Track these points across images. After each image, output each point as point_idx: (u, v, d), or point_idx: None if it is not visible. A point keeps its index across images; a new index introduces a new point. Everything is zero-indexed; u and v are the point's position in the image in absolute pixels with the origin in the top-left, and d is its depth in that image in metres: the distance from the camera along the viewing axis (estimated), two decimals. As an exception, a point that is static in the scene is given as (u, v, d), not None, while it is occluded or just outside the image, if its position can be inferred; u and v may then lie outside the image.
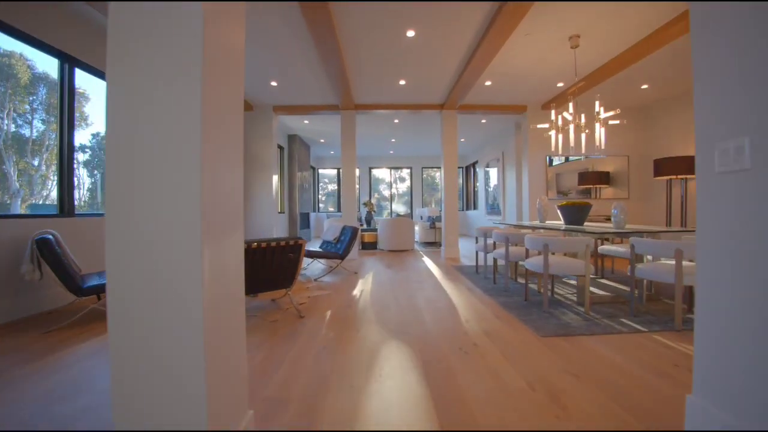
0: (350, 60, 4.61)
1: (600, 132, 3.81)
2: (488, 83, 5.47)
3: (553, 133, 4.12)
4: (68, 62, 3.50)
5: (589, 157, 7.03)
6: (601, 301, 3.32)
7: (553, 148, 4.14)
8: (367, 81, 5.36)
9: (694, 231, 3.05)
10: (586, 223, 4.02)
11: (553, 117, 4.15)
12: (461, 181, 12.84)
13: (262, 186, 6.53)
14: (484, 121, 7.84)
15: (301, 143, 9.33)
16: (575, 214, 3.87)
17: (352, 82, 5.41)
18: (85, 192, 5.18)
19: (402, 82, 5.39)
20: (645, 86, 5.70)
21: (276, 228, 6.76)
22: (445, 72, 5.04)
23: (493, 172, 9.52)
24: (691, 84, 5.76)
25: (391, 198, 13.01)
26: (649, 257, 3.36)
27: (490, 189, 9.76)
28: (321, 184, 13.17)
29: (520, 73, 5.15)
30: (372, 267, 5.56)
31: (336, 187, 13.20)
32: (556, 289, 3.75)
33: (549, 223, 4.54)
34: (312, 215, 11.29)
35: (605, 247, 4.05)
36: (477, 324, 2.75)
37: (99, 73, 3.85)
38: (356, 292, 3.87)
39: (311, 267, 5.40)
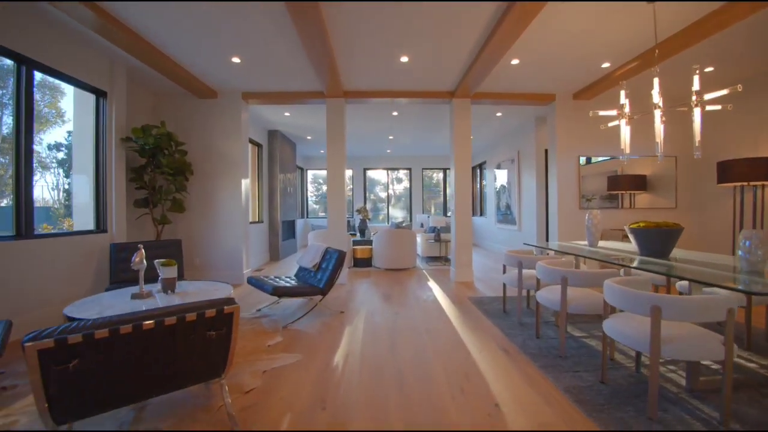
0: (334, 23, 3.35)
1: (698, 120, 2.59)
2: (515, 62, 4.24)
3: (623, 123, 2.89)
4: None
5: (617, 158, 5.81)
6: (717, 387, 2.08)
7: (622, 145, 2.91)
8: (358, 58, 4.10)
9: None
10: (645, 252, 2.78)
11: (623, 99, 2.91)
12: (466, 183, 11.59)
13: (231, 191, 5.25)
14: (499, 114, 6.61)
15: (284, 140, 8.05)
16: (658, 240, 2.65)
17: (340, 60, 4.15)
18: (62, 194, 4.07)
19: (404, 59, 4.14)
20: (710, 69, 4.50)
21: (248, 243, 5.50)
22: (461, 43, 3.80)
23: (505, 175, 8.30)
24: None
25: (388, 200, 11.73)
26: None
27: (502, 194, 8.54)
28: (315, 185, 11.89)
29: (557, 50, 3.92)
30: (365, 300, 4.31)
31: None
32: (626, 352, 2.52)
33: (605, 246, 3.32)
34: (299, 222, 10.01)
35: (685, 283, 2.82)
36: (550, 462, 1.50)
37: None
38: (339, 357, 2.61)
39: (284, 303, 4.13)
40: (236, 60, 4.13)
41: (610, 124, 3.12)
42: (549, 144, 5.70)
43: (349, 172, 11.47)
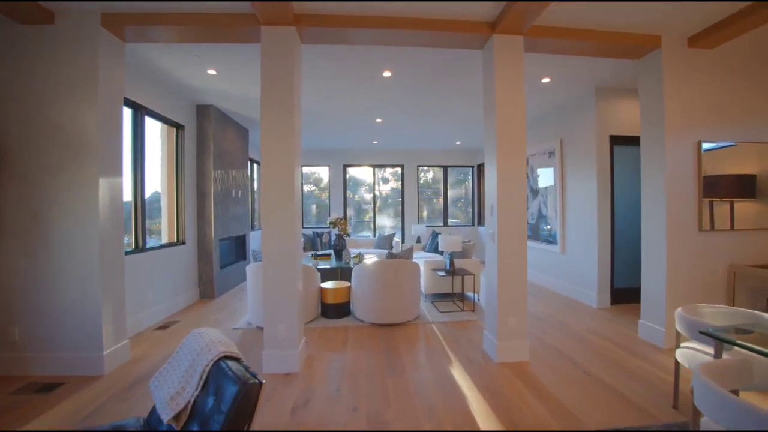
0: None
1: None
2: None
3: None
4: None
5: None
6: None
7: None
8: None
9: None
10: None
11: None
12: (472, 186, 9.35)
13: (82, 199, 2.79)
14: (546, 80, 4.34)
15: (224, 121, 5.58)
16: None
17: None
18: None
19: None
20: None
21: (119, 294, 3.06)
22: None
23: (539, 173, 6.09)
24: None
25: (374, 203, 9.31)
26: None
27: (531, 199, 6.33)
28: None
29: None
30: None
31: (325, 189, 9.52)
32: None
33: None
34: (254, 236, 7.54)
35: None
36: None
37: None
38: None
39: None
40: None
41: None
42: (644, 122, 3.48)
43: (325, 170, 9.08)
